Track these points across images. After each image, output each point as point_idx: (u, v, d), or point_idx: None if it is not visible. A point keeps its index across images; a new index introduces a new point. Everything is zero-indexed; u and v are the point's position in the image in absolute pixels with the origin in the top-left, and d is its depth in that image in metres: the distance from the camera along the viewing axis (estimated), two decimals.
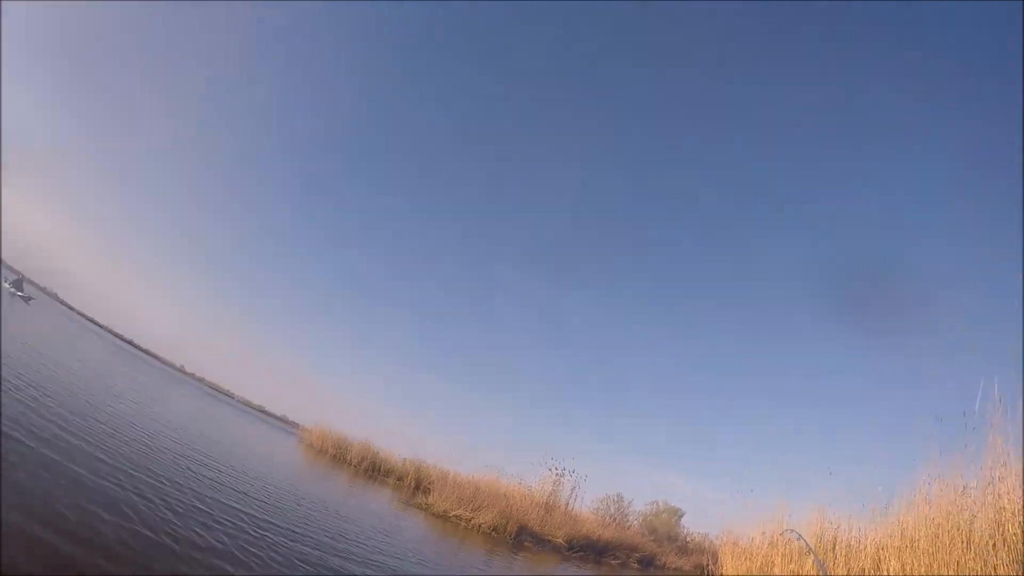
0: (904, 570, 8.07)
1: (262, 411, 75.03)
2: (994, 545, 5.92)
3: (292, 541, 5.21)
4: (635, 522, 20.02)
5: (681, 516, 22.19)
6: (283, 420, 66.93)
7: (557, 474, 17.33)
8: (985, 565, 5.95)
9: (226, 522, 4.77)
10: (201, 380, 76.86)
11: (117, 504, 3.84)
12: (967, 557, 6.53)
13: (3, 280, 26.25)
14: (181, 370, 79.09)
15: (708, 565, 14.77)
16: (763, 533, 13.57)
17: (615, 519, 19.29)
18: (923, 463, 8.55)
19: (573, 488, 17.59)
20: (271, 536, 4.92)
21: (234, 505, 5.66)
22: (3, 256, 27.81)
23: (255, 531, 4.90)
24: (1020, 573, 5.36)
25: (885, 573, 8.62)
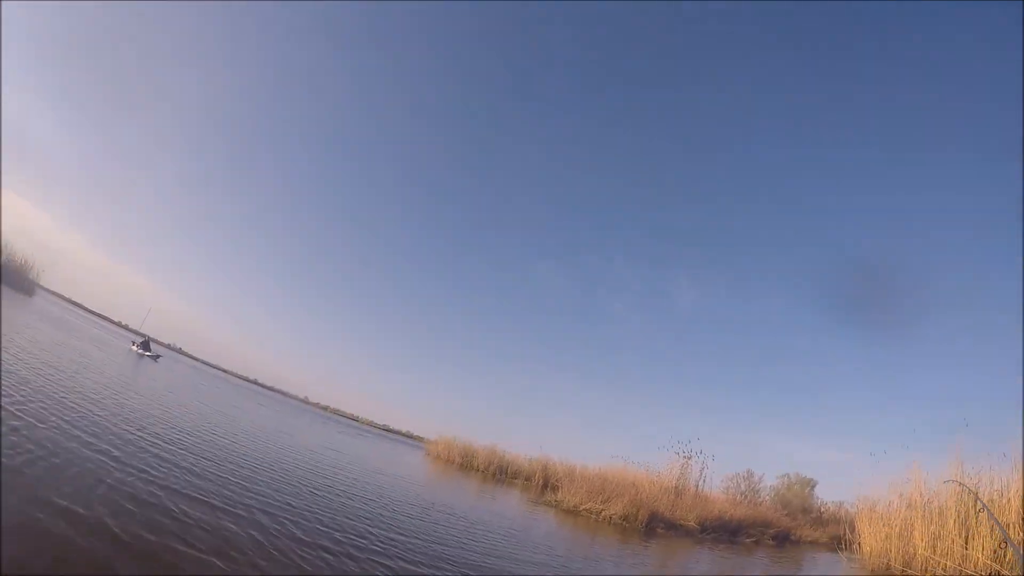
0: None
1: (387, 429, 78.42)
2: None
3: (423, 544, 5.62)
4: (766, 497, 19.51)
5: (814, 486, 21.34)
6: (408, 436, 69.59)
7: (684, 457, 17.25)
8: None
9: (352, 533, 5.22)
10: (326, 408, 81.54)
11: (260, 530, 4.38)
12: None
13: (132, 344, 29.59)
14: (305, 401, 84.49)
15: (845, 534, 14.21)
16: (900, 496, 12.95)
17: (746, 496, 18.91)
18: None
19: (701, 470, 17.50)
20: (399, 548, 5.29)
21: (359, 518, 6.13)
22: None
23: (384, 542, 5.31)
24: None
25: None
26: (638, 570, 7.84)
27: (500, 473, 21.97)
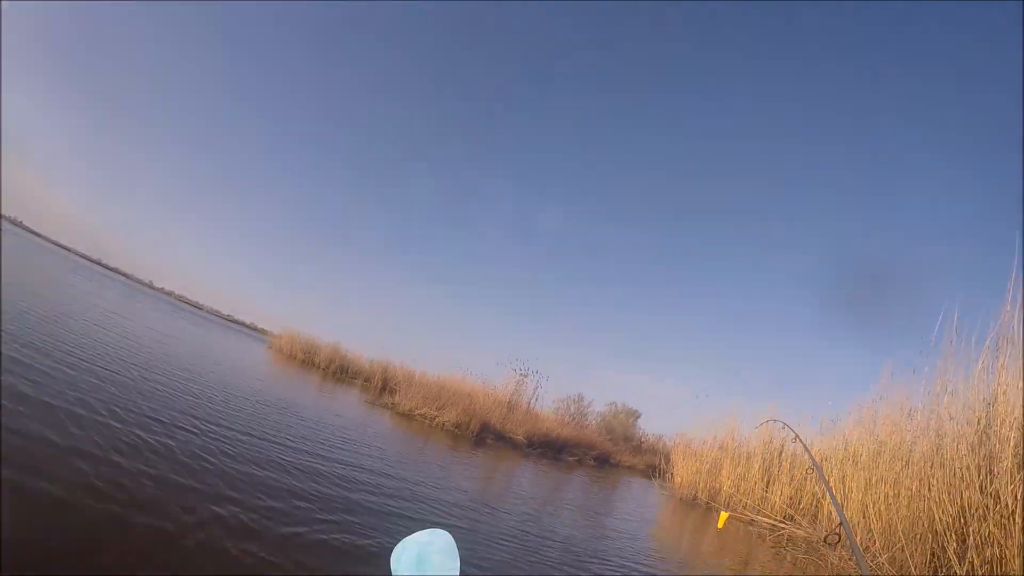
0: (844, 480, 8.77)
1: (232, 320, 74.20)
2: (931, 466, 6.35)
3: (250, 439, 5.27)
4: (593, 422, 21.11)
5: (637, 417, 23.54)
6: (253, 328, 66.43)
7: (520, 374, 17.85)
8: (920, 484, 6.41)
9: (178, 428, 4.72)
10: (171, 294, 75.12)
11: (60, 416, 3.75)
12: (905, 474, 7.06)
13: None
14: (150, 285, 77.18)
15: (661, 464, 15.89)
16: (714, 437, 14.51)
17: (574, 418, 20.23)
18: (874, 386, 9.14)
19: (535, 388, 18.29)
20: (226, 441, 4.89)
21: (188, 411, 5.59)
22: None
23: (208, 435, 4.87)
24: (951, 491, 5.79)
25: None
26: (465, 475, 8.09)
27: (341, 372, 21.70)
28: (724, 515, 6.22)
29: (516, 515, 5.96)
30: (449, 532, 3.95)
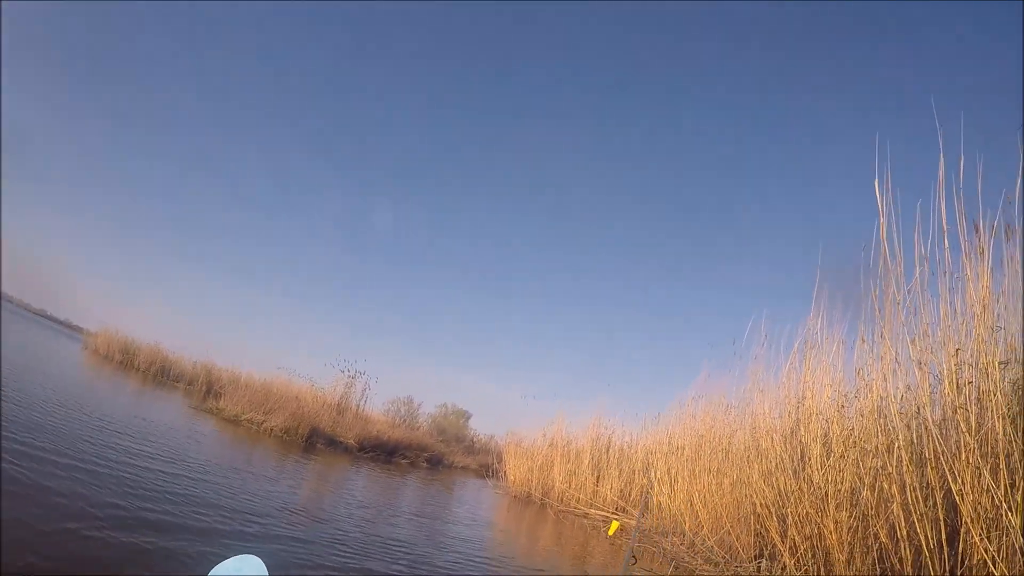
0: (669, 471, 9.56)
1: (43, 315, 62.46)
2: (749, 456, 7.12)
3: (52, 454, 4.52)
4: (424, 423, 20.87)
5: (469, 418, 23.79)
6: (67, 325, 56.68)
7: (349, 376, 17.24)
8: (741, 472, 7.16)
9: None
10: None
11: None
12: (726, 464, 7.84)
13: None
14: None
15: (493, 464, 16.18)
16: (544, 435, 15.08)
17: (405, 420, 19.90)
18: (693, 384, 10.10)
19: (364, 390, 17.72)
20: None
21: None
22: None
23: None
24: (769, 478, 6.53)
25: (653, 473, 10.13)
26: (296, 483, 7.67)
27: (163, 375, 19.59)
28: (615, 524, 6.44)
29: (353, 522, 5.68)
30: (285, 544, 3.59)
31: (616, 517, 10.13)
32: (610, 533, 4.92)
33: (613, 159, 51.61)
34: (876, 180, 4.82)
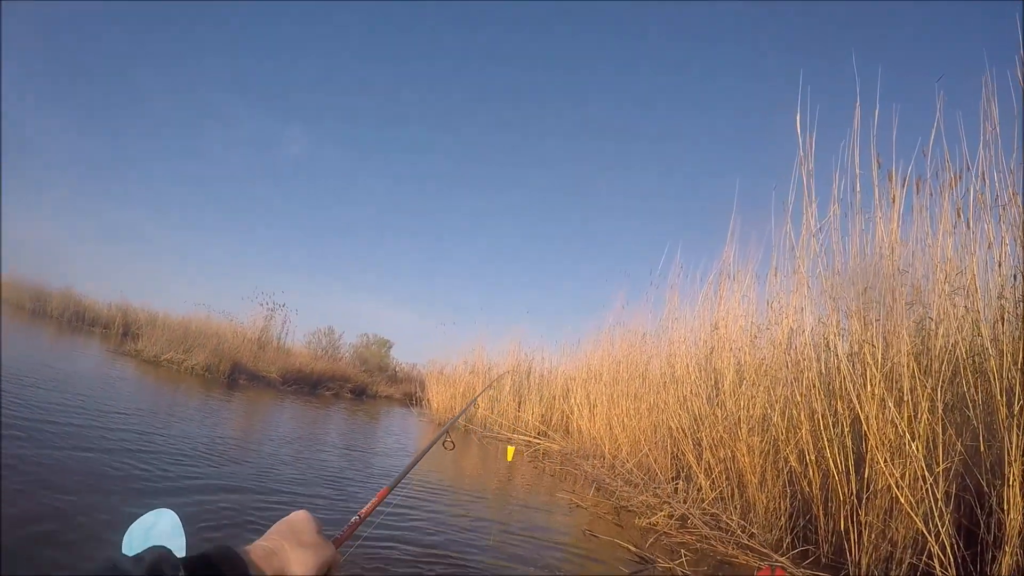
0: (589, 396, 9.92)
1: None
2: (665, 383, 7.47)
3: None
4: (347, 354, 20.63)
5: (391, 347, 23.63)
6: None
7: (269, 309, 16.74)
8: (657, 397, 7.51)
9: None
10: None
11: None
12: (643, 390, 8.19)
13: None
14: None
15: (417, 392, 16.31)
16: (465, 362, 15.26)
17: (327, 352, 19.63)
18: (610, 312, 10.37)
19: (284, 323, 17.34)
20: None
21: None
22: None
23: None
24: (684, 404, 6.89)
25: (573, 398, 10.48)
26: (221, 418, 7.51)
27: (77, 320, 18.28)
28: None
29: (280, 458, 5.54)
30: (211, 491, 3.47)
31: (538, 441, 10.50)
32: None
33: (528, 70, 50.50)
34: (798, 115, 4.91)
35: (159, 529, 0.90)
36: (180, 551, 0.78)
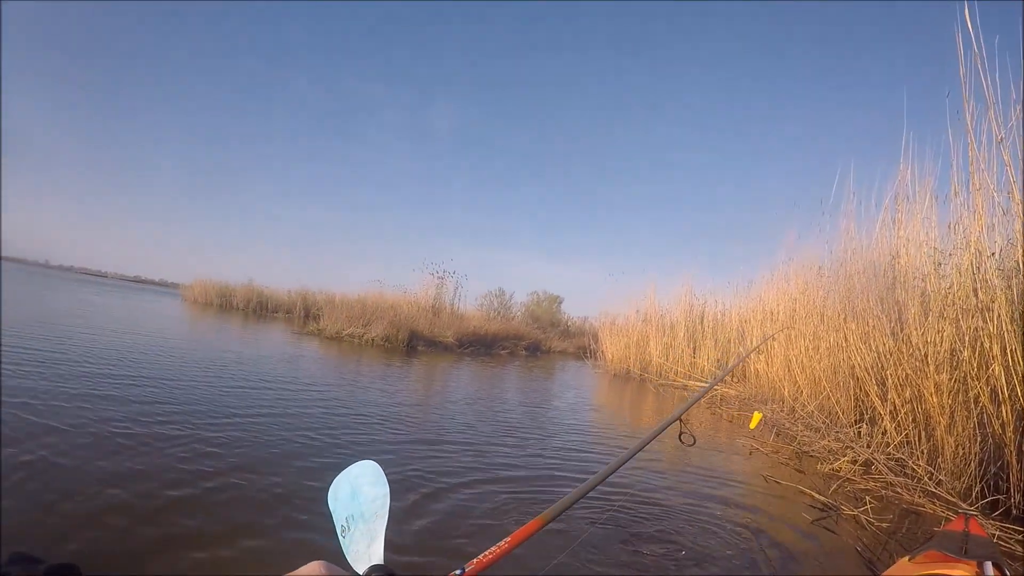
0: (763, 336, 9.53)
1: (139, 281, 68.73)
2: (845, 318, 7.00)
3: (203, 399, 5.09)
4: (518, 313, 21.56)
5: (560, 303, 24.27)
6: (163, 284, 62.06)
7: (439, 277, 17.89)
8: (837, 335, 7.07)
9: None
10: (70, 269, 67.77)
11: None
12: (822, 328, 7.75)
13: None
14: (47, 265, 69.39)
15: (590, 345, 16.69)
16: (636, 311, 15.25)
17: (499, 313, 20.60)
18: (782, 246, 9.79)
19: (456, 289, 18.38)
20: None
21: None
22: None
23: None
24: (867, 340, 6.43)
25: (749, 341, 10.16)
26: (404, 384, 8.24)
27: (260, 309, 21.37)
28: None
29: (465, 419, 6.04)
30: (401, 448, 3.95)
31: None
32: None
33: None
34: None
35: (365, 478, 1.10)
36: (384, 499, 1.03)
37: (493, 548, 0.99)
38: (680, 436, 1.73)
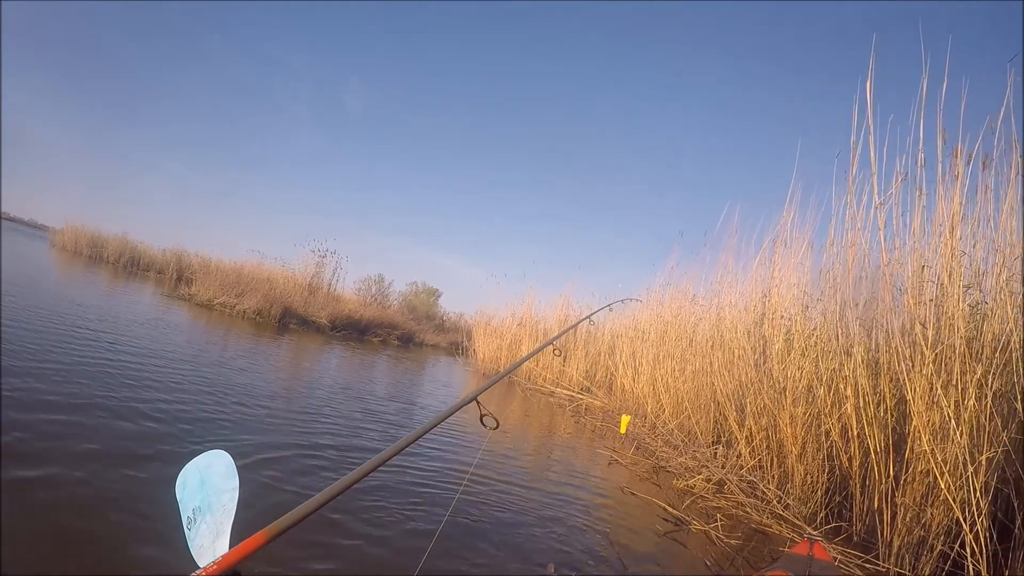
0: (635, 355, 9.96)
1: (8, 218, 59.13)
2: (712, 346, 7.44)
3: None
4: (395, 302, 21.07)
5: (439, 296, 24.04)
6: (32, 224, 53.79)
7: (320, 256, 17.16)
8: (703, 360, 7.50)
9: None
10: None
11: None
12: (690, 352, 8.19)
13: None
14: None
15: (463, 342, 16.66)
16: (513, 315, 15.42)
17: (376, 299, 20.05)
18: (662, 271, 10.29)
19: (335, 270, 17.72)
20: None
21: None
22: None
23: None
24: (730, 368, 6.87)
25: (619, 356, 10.54)
26: (270, 363, 7.82)
27: (132, 265, 19.42)
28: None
29: (331, 405, 5.79)
30: (260, 432, 3.68)
31: (581, 396, 10.66)
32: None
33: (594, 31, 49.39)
34: (869, 80, 4.69)
35: (215, 469, 0.98)
36: (233, 493, 0.90)
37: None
38: (481, 419, 1.68)
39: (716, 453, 6.28)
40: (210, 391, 4.87)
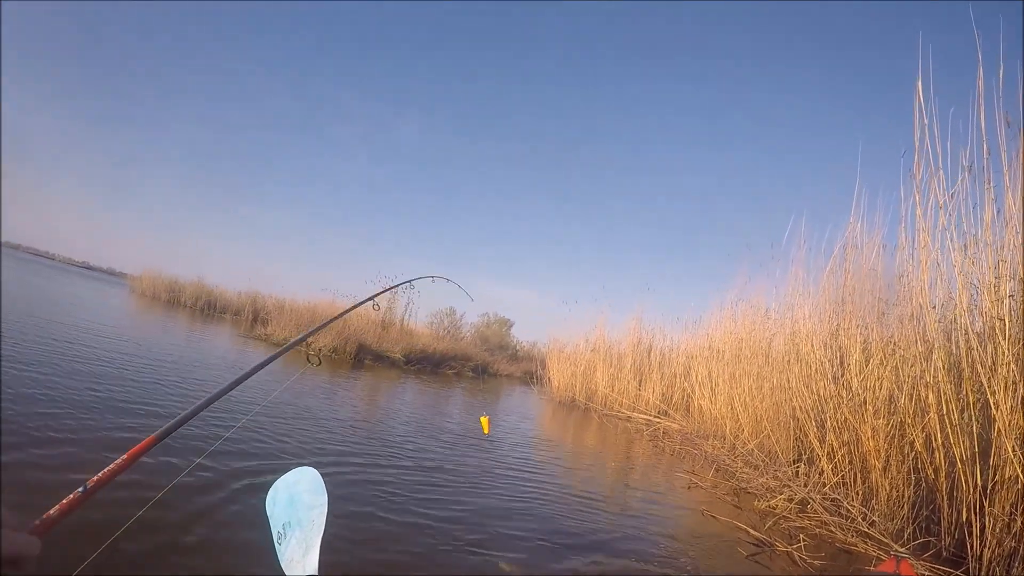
0: (711, 375, 9.71)
1: (87, 267, 65.24)
2: (788, 361, 7.19)
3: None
4: (468, 334, 21.43)
5: (511, 326, 24.30)
6: (111, 272, 59.17)
7: (391, 291, 17.59)
8: (780, 375, 7.25)
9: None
10: (17, 247, 64.06)
11: None
12: (766, 369, 7.93)
13: None
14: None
15: (537, 370, 16.68)
16: (586, 340, 15.33)
17: (449, 332, 20.42)
18: (732, 287, 10.05)
19: (408, 304, 18.15)
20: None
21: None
22: None
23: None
24: (808, 383, 6.61)
25: (694, 376, 10.30)
26: (349, 398, 8.04)
27: (209, 308, 20.64)
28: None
29: (404, 436, 5.90)
30: (343, 465, 3.81)
31: (659, 420, 10.47)
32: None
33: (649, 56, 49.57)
34: (919, 81, 4.56)
35: (303, 485, 1.02)
36: (322, 509, 0.95)
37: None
38: (307, 356, 1.89)
39: (798, 471, 6.04)
40: (287, 422, 5.13)
